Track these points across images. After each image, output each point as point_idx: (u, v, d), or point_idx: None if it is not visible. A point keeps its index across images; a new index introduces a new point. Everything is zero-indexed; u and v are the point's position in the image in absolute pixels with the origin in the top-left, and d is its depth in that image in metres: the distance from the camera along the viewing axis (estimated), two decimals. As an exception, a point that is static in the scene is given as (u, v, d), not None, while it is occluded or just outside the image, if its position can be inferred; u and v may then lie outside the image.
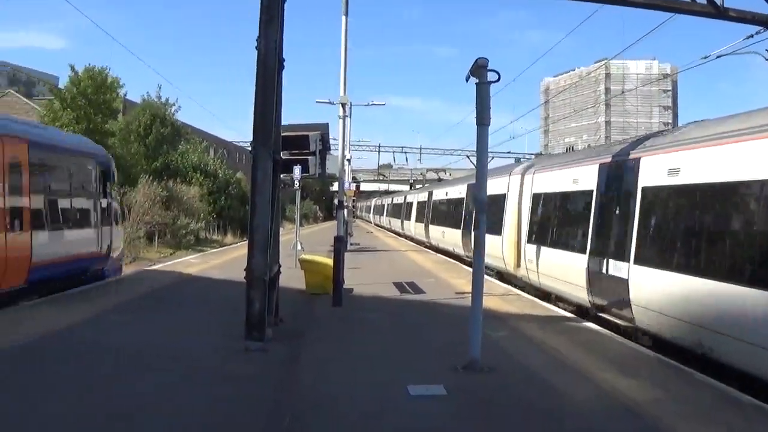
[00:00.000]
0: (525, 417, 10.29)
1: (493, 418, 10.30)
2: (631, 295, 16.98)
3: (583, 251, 20.42)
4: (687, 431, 9.52)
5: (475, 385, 11.93)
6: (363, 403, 10.83)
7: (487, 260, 29.87)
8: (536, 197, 26.29)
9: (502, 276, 30.17)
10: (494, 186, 30.56)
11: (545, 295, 24.26)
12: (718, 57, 22.62)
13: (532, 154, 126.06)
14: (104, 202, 26.94)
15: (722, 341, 13.42)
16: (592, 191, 20.63)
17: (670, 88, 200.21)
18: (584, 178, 21.44)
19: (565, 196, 23.70)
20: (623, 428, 9.83)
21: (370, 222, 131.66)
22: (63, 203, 23.85)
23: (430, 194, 55.74)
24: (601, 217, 19.97)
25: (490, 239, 28.57)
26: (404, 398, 11.05)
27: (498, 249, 29.15)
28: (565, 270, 21.85)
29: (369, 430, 9.65)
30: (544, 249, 24.20)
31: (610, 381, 12.19)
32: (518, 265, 27.41)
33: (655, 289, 16.16)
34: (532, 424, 10.02)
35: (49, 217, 22.44)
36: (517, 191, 28.58)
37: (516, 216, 28.25)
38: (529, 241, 26.09)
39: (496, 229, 29.44)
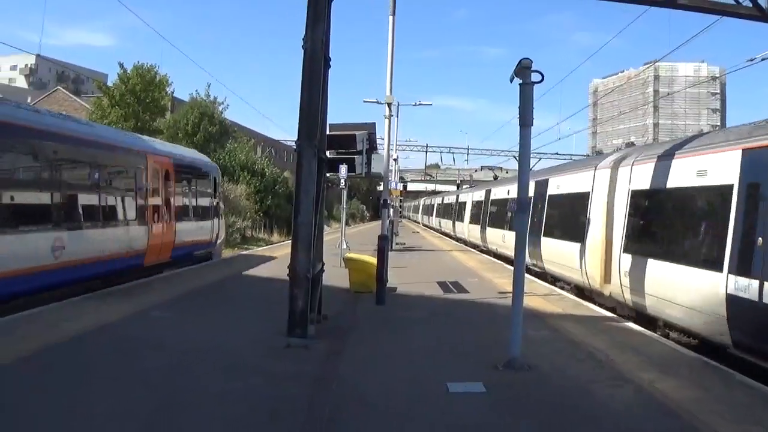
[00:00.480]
0: (562, 415, 10.39)
1: (530, 415, 10.40)
2: None
3: (718, 267, 15.48)
4: (721, 429, 9.59)
5: (514, 383, 12.04)
6: (402, 398, 10.98)
7: (563, 272, 27.87)
8: (637, 195, 21.13)
9: (582, 292, 25.40)
10: (574, 183, 27.99)
11: (650, 320, 19.45)
12: (762, 60, 22.37)
13: (580, 155, 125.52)
14: (215, 202, 36.09)
15: None
16: (732, 186, 15.60)
17: (718, 91, 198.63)
18: (717, 168, 16.54)
19: (685, 194, 18.42)
20: (660, 427, 9.89)
21: (418, 222, 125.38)
22: (192, 203, 33.02)
23: (488, 192, 49.18)
24: (748, 221, 14.98)
25: (565, 247, 26.90)
26: (443, 395, 11.21)
27: (576, 259, 24.95)
28: (685, 291, 17.05)
29: (407, 425, 9.77)
30: (650, 262, 19.10)
31: (649, 380, 12.23)
32: (607, 280, 22.58)
33: None
34: (569, 422, 10.10)
35: (184, 213, 31.48)
36: (605, 188, 23.58)
37: (604, 219, 23.14)
38: (626, 250, 20.97)
39: (576, 234, 25.48)
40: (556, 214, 29.72)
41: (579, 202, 25.93)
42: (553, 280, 29.08)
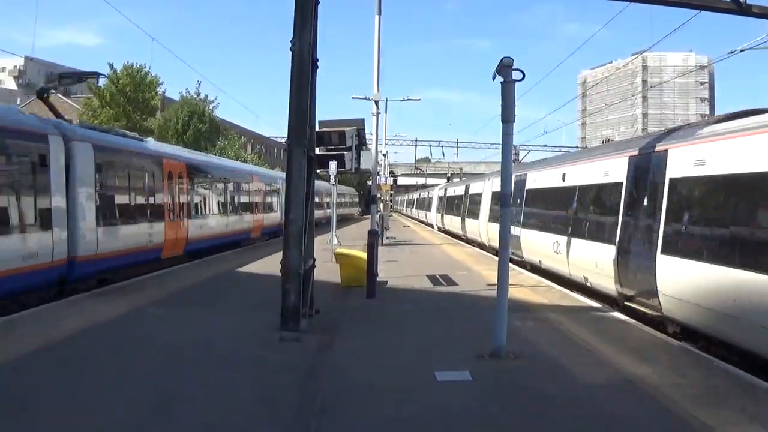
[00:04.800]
0: (545, 402, 10.74)
1: (514, 402, 10.80)
2: None
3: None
4: (699, 414, 9.92)
5: (500, 371, 12.42)
6: (392, 388, 11.33)
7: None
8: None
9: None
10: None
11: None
12: (741, 51, 22.64)
13: (570, 147, 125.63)
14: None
15: None
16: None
17: (707, 80, 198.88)
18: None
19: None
20: (638, 411, 10.22)
21: (422, 221, 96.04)
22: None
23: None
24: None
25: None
26: (431, 383, 11.60)
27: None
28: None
29: (395, 413, 10.12)
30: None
31: (630, 368, 12.60)
32: None
33: None
34: (551, 408, 10.44)
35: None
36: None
37: None
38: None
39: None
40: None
41: None
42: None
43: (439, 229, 68.67)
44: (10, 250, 18.66)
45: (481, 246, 43.47)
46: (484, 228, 41.61)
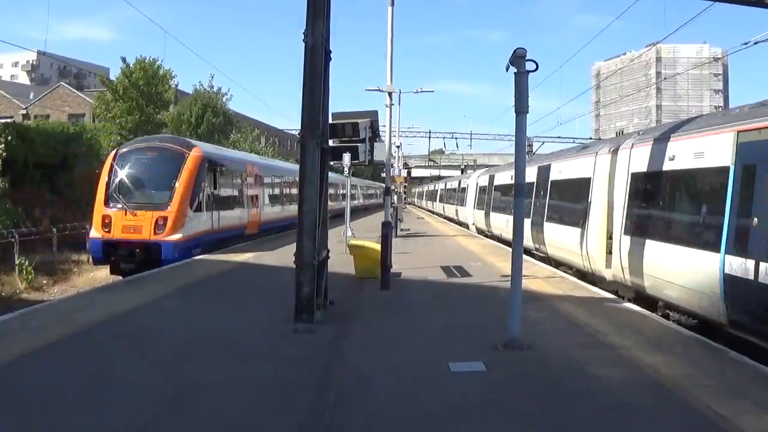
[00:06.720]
0: (559, 391, 10.77)
1: (528, 392, 10.80)
2: None
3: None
4: (712, 404, 9.92)
5: (514, 362, 12.42)
6: (406, 379, 11.38)
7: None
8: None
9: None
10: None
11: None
12: (755, 43, 22.51)
13: (584, 138, 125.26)
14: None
15: None
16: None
17: (720, 72, 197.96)
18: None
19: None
20: (651, 401, 10.24)
21: (450, 219, 75.03)
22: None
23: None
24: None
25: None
26: (445, 374, 11.63)
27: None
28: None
29: (410, 404, 10.15)
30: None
31: (643, 358, 12.59)
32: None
33: None
34: (564, 398, 10.46)
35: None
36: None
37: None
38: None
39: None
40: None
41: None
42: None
43: (480, 232, 51.05)
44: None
45: (586, 277, 24.48)
46: (601, 245, 22.97)
